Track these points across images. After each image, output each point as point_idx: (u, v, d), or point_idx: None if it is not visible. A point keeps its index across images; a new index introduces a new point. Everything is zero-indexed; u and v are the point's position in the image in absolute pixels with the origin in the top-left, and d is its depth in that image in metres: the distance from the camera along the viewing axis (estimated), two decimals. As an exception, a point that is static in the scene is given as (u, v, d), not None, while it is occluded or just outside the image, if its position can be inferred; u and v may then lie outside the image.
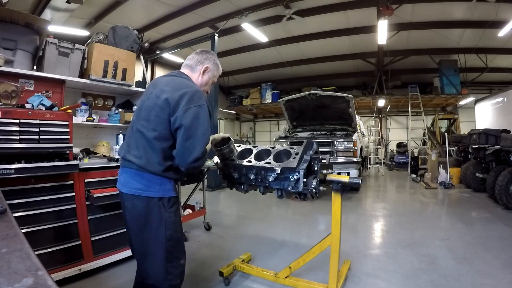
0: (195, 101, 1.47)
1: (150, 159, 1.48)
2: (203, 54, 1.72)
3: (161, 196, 1.49)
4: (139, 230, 1.52)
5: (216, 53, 6.97)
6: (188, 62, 1.72)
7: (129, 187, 1.52)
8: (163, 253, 1.48)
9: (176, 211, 1.57)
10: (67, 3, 5.52)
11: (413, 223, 4.23)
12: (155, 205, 1.48)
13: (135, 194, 1.50)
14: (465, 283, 2.38)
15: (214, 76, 1.75)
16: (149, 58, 8.30)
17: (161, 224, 1.48)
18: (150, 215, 1.48)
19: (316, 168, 1.84)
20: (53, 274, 2.17)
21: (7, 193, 1.97)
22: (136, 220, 1.52)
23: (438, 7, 7.41)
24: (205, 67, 1.69)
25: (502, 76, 10.98)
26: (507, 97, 7.41)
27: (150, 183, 1.48)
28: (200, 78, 1.69)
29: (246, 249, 3.08)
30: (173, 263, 1.51)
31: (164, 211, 1.49)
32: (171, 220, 1.51)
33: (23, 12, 2.50)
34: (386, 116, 13.42)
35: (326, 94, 5.84)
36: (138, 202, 1.49)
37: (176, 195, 1.59)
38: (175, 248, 1.52)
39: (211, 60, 1.71)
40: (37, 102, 2.44)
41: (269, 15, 7.91)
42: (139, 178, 1.50)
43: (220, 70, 1.78)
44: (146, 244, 1.51)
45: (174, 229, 1.52)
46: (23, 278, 0.54)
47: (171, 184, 1.54)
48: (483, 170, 6.18)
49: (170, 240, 1.50)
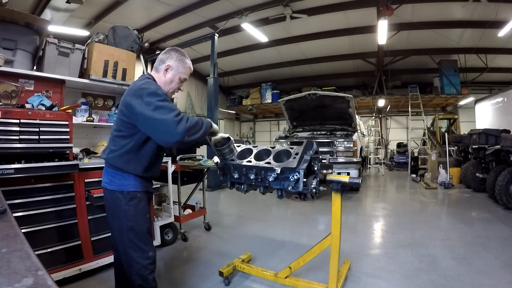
0: (141, 94, 1.50)
1: (113, 156, 1.64)
2: (166, 53, 1.74)
3: (121, 190, 1.63)
4: (110, 219, 1.72)
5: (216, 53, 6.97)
6: (155, 63, 1.76)
7: (103, 181, 1.73)
8: (126, 242, 1.63)
9: (138, 204, 1.66)
10: (67, 3, 5.52)
11: (413, 223, 4.23)
12: (117, 198, 1.64)
13: (104, 187, 1.71)
14: (465, 283, 2.38)
15: (180, 73, 1.73)
16: (149, 58, 8.29)
17: (122, 214, 1.63)
18: (114, 206, 1.66)
19: (316, 168, 1.85)
20: (53, 274, 2.17)
21: (7, 193, 1.97)
22: (107, 211, 1.74)
23: (438, 7, 7.41)
24: (167, 66, 1.70)
25: (502, 76, 10.98)
26: (507, 97, 7.41)
27: (113, 178, 1.65)
28: (163, 77, 1.71)
29: (246, 249, 3.08)
30: (138, 253, 1.63)
31: (124, 204, 1.63)
32: (131, 213, 1.63)
33: (23, 12, 2.50)
34: (386, 116, 13.41)
35: (326, 94, 5.84)
36: (107, 194, 1.71)
37: (137, 190, 1.66)
38: (137, 239, 1.64)
39: (173, 58, 1.71)
40: (37, 102, 2.44)
41: (269, 15, 7.91)
42: (106, 172, 1.70)
43: (187, 65, 1.75)
44: (114, 231, 1.71)
45: (134, 221, 1.64)
46: (23, 278, 0.54)
47: (132, 179, 1.65)
48: (483, 170, 6.18)
49: (131, 231, 1.63)
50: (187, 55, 1.77)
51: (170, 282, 2.50)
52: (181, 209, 3.61)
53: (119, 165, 1.63)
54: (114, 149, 1.64)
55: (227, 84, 14.15)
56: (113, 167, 1.65)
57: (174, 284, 2.47)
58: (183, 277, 2.60)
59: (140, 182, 1.68)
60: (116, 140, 1.65)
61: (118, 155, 1.62)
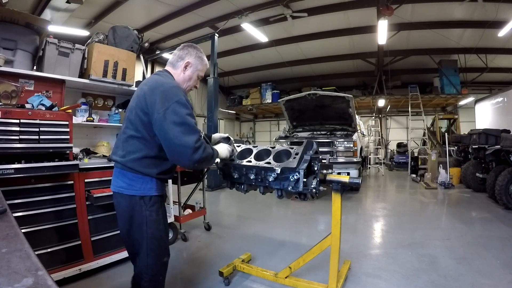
0: (170, 98, 1.44)
1: (132, 158, 1.51)
2: (184, 49, 1.68)
3: (142, 194, 1.52)
4: (124, 226, 1.57)
5: (216, 53, 6.96)
6: (170, 59, 1.70)
7: (114, 185, 1.59)
8: (145, 249, 1.53)
9: (159, 209, 1.58)
10: (67, 3, 5.51)
11: (413, 223, 4.23)
12: (137, 203, 1.51)
13: (118, 192, 1.56)
14: (465, 283, 2.38)
15: (198, 70, 1.69)
16: (149, 58, 8.30)
17: (142, 222, 1.52)
18: (133, 213, 1.52)
19: (316, 168, 1.84)
20: (53, 274, 2.17)
21: (7, 193, 1.97)
22: (122, 217, 1.58)
23: (438, 7, 7.40)
24: (186, 62, 1.65)
25: (502, 76, 10.99)
26: (507, 97, 7.41)
27: (132, 181, 1.52)
28: (182, 74, 1.65)
29: (246, 249, 3.08)
30: (155, 260, 1.55)
31: (146, 209, 1.52)
32: (152, 219, 1.53)
33: (23, 12, 2.50)
34: (386, 116, 13.42)
35: (326, 94, 5.84)
36: (122, 200, 1.55)
37: (159, 194, 1.58)
38: (156, 246, 1.55)
39: (192, 54, 1.66)
40: (37, 102, 2.44)
41: (269, 15, 7.91)
42: (122, 176, 1.55)
43: (205, 63, 1.72)
44: (131, 240, 1.57)
45: (155, 227, 1.54)
46: (23, 278, 0.54)
47: (153, 183, 1.55)
48: (483, 170, 6.17)
49: (152, 238, 1.53)
50: (203, 52, 1.73)
51: (170, 282, 2.50)
52: (181, 209, 3.61)
53: (138, 168, 1.51)
54: (131, 151, 1.51)
55: (227, 84, 14.15)
56: (131, 170, 1.52)
57: (174, 284, 2.46)
58: (183, 277, 2.60)
59: (160, 185, 1.59)
60: (131, 141, 1.52)
61: (136, 159, 1.51)
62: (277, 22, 8.11)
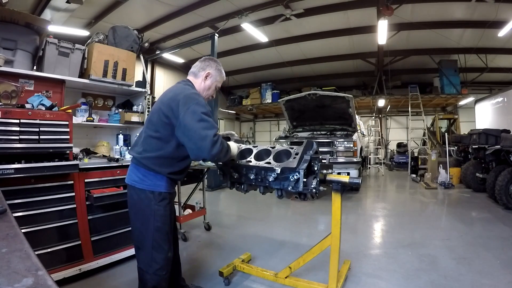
0: (191, 100, 1.60)
1: (147, 156, 1.67)
2: (205, 61, 1.87)
3: (152, 190, 1.66)
4: (134, 217, 1.72)
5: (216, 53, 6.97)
6: (192, 69, 1.88)
7: (129, 178, 1.74)
8: (151, 241, 1.65)
9: (167, 205, 1.70)
10: (67, 3, 5.51)
11: (413, 223, 4.23)
12: (147, 197, 1.65)
13: (131, 185, 1.71)
14: (465, 283, 2.38)
15: (217, 81, 1.87)
16: (149, 58, 8.27)
17: (151, 214, 1.65)
18: (142, 206, 1.66)
19: (316, 168, 1.84)
20: (53, 274, 2.17)
21: (7, 193, 1.97)
22: (131, 208, 1.73)
23: (438, 7, 7.41)
24: (207, 73, 1.83)
25: (502, 76, 10.99)
26: (507, 97, 7.41)
27: (144, 177, 1.67)
28: (203, 83, 1.83)
29: (246, 249, 3.08)
30: (160, 254, 1.66)
31: (155, 204, 1.65)
32: (160, 213, 1.66)
33: (23, 12, 2.50)
34: (386, 116, 13.42)
35: (326, 94, 5.83)
36: (133, 192, 1.70)
37: (169, 191, 1.72)
38: (162, 239, 1.67)
39: (213, 66, 1.85)
40: (37, 102, 2.44)
41: (269, 15, 7.91)
42: (136, 171, 1.70)
43: (223, 75, 1.91)
44: (138, 231, 1.70)
45: (162, 221, 1.67)
46: (23, 278, 0.54)
47: (164, 181, 1.69)
48: (483, 170, 6.17)
49: (158, 231, 1.66)
50: (222, 65, 1.92)
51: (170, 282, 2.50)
52: (181, 209, 3.61)
53: (152, 166, 1.66)
54: (148, 150, 1.67)
55: (227, 84, 14.13)
56: (145, 166, 1.67)
57: (174, 284, 2.46)
58: (183, 277, 2.59)
59: (170, 184, 1.74)
60: (150, 140, 1.67)
61: (152, 157, 1.66)
62: (277, 22, 8.10)
